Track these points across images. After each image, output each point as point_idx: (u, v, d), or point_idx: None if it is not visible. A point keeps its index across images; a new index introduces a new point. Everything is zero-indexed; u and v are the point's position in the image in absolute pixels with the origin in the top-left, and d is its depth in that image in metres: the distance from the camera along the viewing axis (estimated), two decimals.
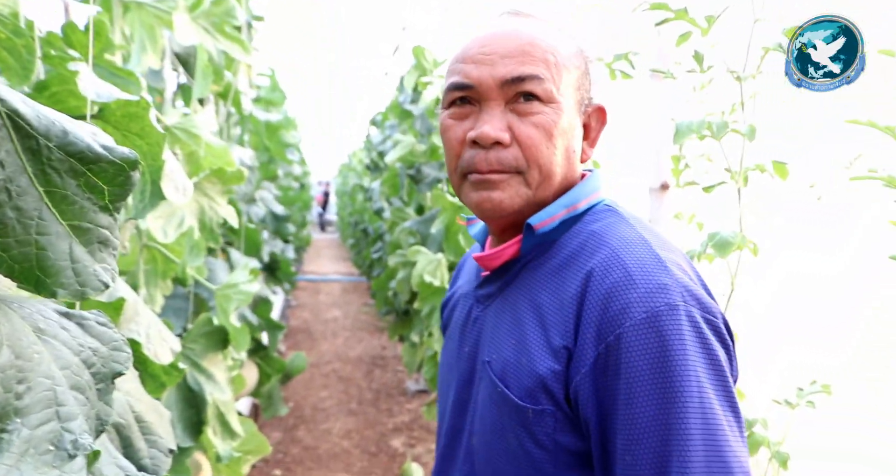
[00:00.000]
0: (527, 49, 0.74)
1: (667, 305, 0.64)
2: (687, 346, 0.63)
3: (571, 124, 0.76)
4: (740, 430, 0.65)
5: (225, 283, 1.52)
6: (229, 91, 2.10)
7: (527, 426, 0.70)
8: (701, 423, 0.62)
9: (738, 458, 0.62)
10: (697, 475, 0.61)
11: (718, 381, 0.64)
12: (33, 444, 0.42)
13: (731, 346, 0.69)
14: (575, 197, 0.78)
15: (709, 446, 0.61)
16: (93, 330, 0.54)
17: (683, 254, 0.75)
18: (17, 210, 0.47)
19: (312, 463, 3.50)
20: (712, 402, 0.62)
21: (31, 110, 0.47)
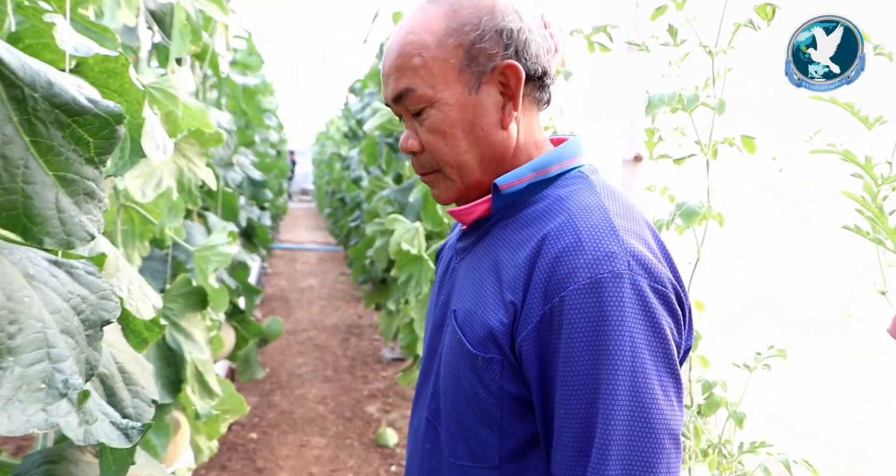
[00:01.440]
0: (399, 63, 0.78)
1: (610, 273, 0.67)
2: (625, 313, 0.66)
3: (466, 107, 0.78)
4: (677, 396, 0.68)
5: (203, 245, 1.53)
6: (206, 53, 2.06)
7: (477, 372, 0.76)
8: (629, 386, 0.65)
9: (664, 421, 0.66)
10: (619, 431, 0.65)
11: (658, 347, 0.67)
12: (26, 381, 0.44)
13: (682, 316, 0.72)
14: (545, 161, 0.80)
15: (635, 407, 0.65)
16: (82, 279, 0.56)
17: (649, 224, 0.77)
18: (4, 158, 0.48)
19: (288, 427, 3.56)
20: (645, 367, 0.66)
21: (15, 59, 0.48)
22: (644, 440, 0.66)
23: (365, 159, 3.57)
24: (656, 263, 0.70)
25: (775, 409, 1.24)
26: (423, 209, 2.59)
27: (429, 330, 0.93)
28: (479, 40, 0.76)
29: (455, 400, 0.80)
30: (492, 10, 0.77)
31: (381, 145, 3.18)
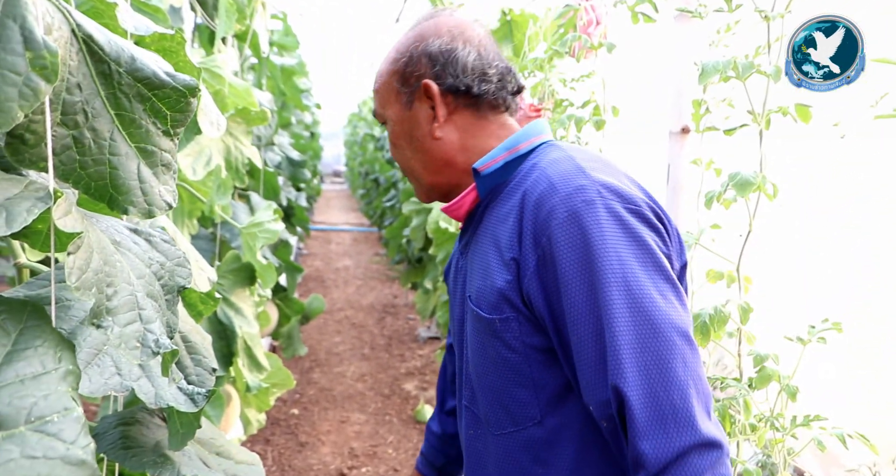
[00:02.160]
0: (374, 87, 0.96)
1: (584, 201, 0.73)
2: (604, 232, 0.72)
3: (402, 122, 0.92)
4: (677, 296, 0.73)
5: (250, 222, 1.56)
6: (247, 33, 2.09)
7: (498, 336, 0.81)
8: (625, 295, 0.70)
9: (668, 320, 0.70)
10: (626, 337, 0.69)
11: (645, 256, 0.72)
12: (124, 340, 0.47)
13: (663, 228, 0.77)
14: (515, 140, 0.89)
15: (636, 313, 0.70)
16: (159, 246, 0.58)
17: (617, 168, 0.83)
18: (93, 131, 0.50)
19: (328, 403, 3.64)
20: (636, 275, 0.71)
21: (103, 36, 0.49)
22: (652, 340, 0.69)
23: None
24: (627, 188, 0.76)
25: (827, 384, 1.22)
26: None
27: (456, 330, 0.98)
28: (408, 65, 0.90)
29: (486, 372, 0.85)
30: (424, 37, 0.90)
31: None
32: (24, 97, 0.41)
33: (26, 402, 0.44)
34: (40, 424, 0.44)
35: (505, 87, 0.90)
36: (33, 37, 0.41)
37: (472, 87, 0.88)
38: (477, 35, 0.91)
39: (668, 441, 0.66)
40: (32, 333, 0.46)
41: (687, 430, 0.66)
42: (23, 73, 0.41)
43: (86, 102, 0.49)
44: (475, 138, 0.90)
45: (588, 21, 1.80)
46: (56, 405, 0.44)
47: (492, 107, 0.90)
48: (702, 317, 1.06)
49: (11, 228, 0.42)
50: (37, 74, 0.41)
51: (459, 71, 0.88)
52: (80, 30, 0.48)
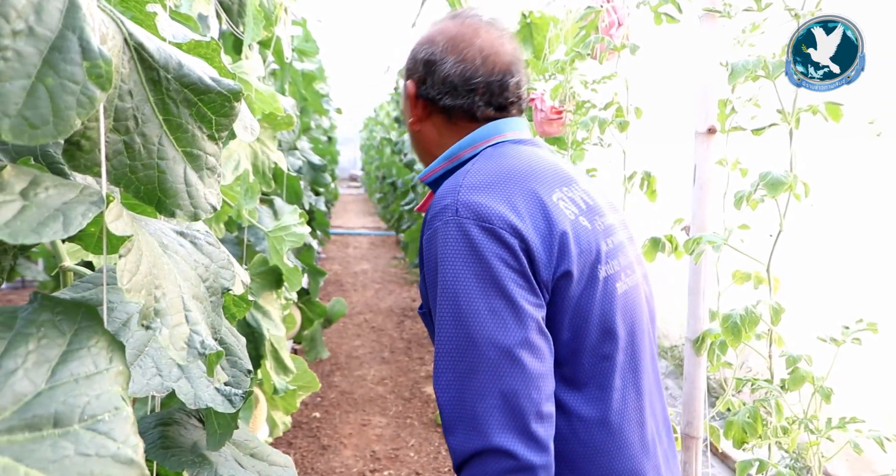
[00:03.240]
0: None
1: (442, 221, 0.82)
2: (448, 250, 0.80)
3: (404, 103, 1.03)
4: (511, 310, 0.78)
5: (276, 226, 1.58)
6: (270, 39, 2.11)
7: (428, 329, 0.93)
8: (452, 309, 0.78)
9: (489, 335, 0.77)
10: (447, 346, 0.78)
11: (483, 273, 0.78)
12: (172, 341, 0.48)
13: (517, 243, 0.81)
14: (454, 150, 0.96)
15: (458, 326, 0.78)
16: (204, 248, 0.59)
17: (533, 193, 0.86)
18: (143, 136, 0.51)
19: (349, 406, 3.66)
20: (469, 291, 0.78)
21: (153, 44, 0.51)
22: (467, 351, 0.77)
23: None
24: (487, 206, 0.81)
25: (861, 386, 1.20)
26: None
27: None
28: (410, 61, 1.02)
29: None
30: (425, 41, 1.00)
31: None
32: (81, 105, 0.42)
33: (80, 401, 0.45)
34: (93, 423, 0.45)
35: (491, 99, 0.95)
36: (90, 47, 0.42)
37: (441, 99, 0.96)
38: (475, 47, 0.96)
39: (466, 441, 0.76)
40: (86, 334, 0.47)
41: (480, 435, 0.75)
42: (80, 82, 0.42)
43: (136, 108, 0.50)
44: (448, 138, 0.99)
45: (610, 23, 1.80)
46: (107, 404, 0.45)
47: (464, 116, 0.97)
48: (732, 317, 1.05)
49: (68, 232, 0.43)
50: (93, 83, 0.43)
51: (437, 82, 0.96)
52: (132, 38, 0.49)
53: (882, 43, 0.95)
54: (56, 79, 0.41)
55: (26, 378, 0.41)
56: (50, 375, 0.42)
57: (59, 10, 0.41)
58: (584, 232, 0.86)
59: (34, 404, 0.40)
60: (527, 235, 0.81)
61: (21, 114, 0.38)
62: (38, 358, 0.42)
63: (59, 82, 0.41)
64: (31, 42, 0.40)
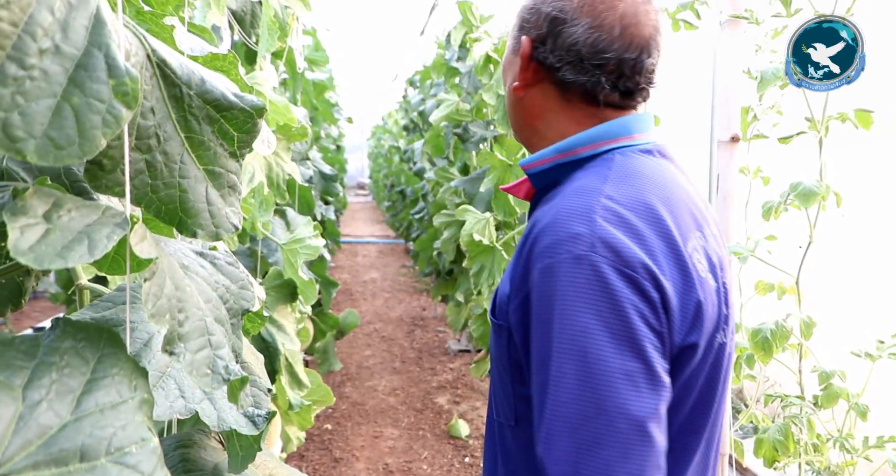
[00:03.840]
0: None
1: (569, 253, 0.67)
2: (579, 295, 0.65)
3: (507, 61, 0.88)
4: (650, 383, 0.65)
5: (291, 238, 1.57)
6: (282, 50, 2.11)
7: (496, 338, 0.81)
8: (578, 369, 0.64)
9: (622, 405, 0.63)
10: (566, 410, 0.64)
11: (619, 329, 0.65)
12: (195, 367, 0.46)
13: (658, 298, 0.68)
14: (572, 143, 0.80)
15: (585, 391, 0.64)
16: (224, 269, 0.57)
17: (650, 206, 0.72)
18: (165, 154, 0.50)
19: (361, 418, 3.63)
20: (600, 349, 0.64)
21: (175, 60, 0.49)
22: (594, 420, 0.63)
23: (429, 151, 3.58)
24: (630, 248, 0.67)
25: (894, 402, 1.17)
26: (494, 199, 2.58)
27: None
28: (530, 12, 0.83)
29: (494, 372, 0.87)
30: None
31: (447, 136, 3.18)
32: (106, 124, 0.40)
33: (106, 433, 0.43)
34: (120, 456, 0.43)
35: (619, 82, 0.78)
36: (116, 64, 0.40)
37: (561, 70, 0.79)
38: (617, 12, 0.76)
39: None
40: (109, 361, 0.45)
41: None
42: (106, 101, 0.40)
43: (158, 126, 0.49)
44: (556, 116, 0.82)
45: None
46: (134, 435, 0.43)
47: (582, 96, 0.80)
48: (763, 332, 1.02)
49: (94, 256, 0.42)
50: (118, 101, 0.41)
51: (561, 47, 0.78)
52: (155, 54, 0.47)
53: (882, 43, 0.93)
54: (82, 98, 0.39)
55: (51, 410, 0.39)
56: (75, 406, 0.40)
57: (84, 28, 0.40)
58: (710, 295, 0.73)
59: (60, 438, 0.38)
60: (668, 291, 0.68)
61: (46, 134, 0.36)
62: (62, 388, 0.40)
63: (84, 101, 0.39)
64: (58, 60, 0.38)
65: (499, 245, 2.52)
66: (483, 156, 2.51)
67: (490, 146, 2.85)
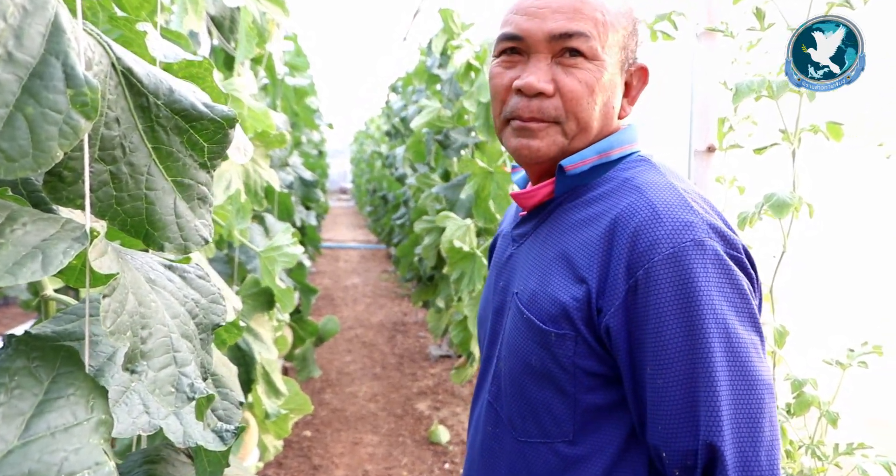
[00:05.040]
0: (577, 5, 0.78)
1: (692, 241, 0.69)
2: (710, 278, 0.69)
3: (613, 82, 0.80)
4: (763, 350, 0.71)
5: (269, 246, 1.55)
6: (262, 55, 2.09)
7: (549, 349, 0.77)
8: (724, 346, 0.68)
9: (760, 374, 0.69)
10: (724, 393, 0.67)
11: (742, 307, 0.70)
12: (158, 385, 0.45)
13: (755, 277, 0.75)
14: (609, 144, 0.82)
15: (732, 365, 0.68)
16: (194, 282, 0.56)
17: (706, 199, 0.78)
18: (130, 165, 0.48)
19: (340, 424, 3.60)
20: (735, 327, 0.68)
21: (142, 69, 0.48)
22: (747, 398, 0.68)
23: (411, 156, 3.57)
24: (728, 231, 0.73)
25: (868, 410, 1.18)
26: (475, 206, 2.57)
27: (489, 317, 0.94)
28: (633, 33, 0.82)
29: (522, 379, 0.81)
30: (634, 17, 0.83)
31: (429, 142, 3.18)
32: (64, 135, 0.39)
33: (56, 458, 0.41)
34: None
35: None
36: (75, 73, 0.39)
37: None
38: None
39: None
40: (65, 381, 0.44)
41: None
42: (63, 111, 0.39)
43: (123, 137, 0.47)
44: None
45: None
46: (87, 460, 0.42)
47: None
48: None
49: (47, 272, 0.40)
50: (77, 112, 0.40)
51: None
52: (120, 63, 0.46)
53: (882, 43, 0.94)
54: (37, 108, 0.38)
55: None
56: (24, 430, 0.39)
57: (41, 35, 0.38)
58: None
59: (4, 464, 0.36)
60: (755, 266, 0.76)
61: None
62: (10, 411, 0.38)
63: (40, 111, 0.38)
64: (10, 68, 0.37)
65: (479, 251, 2.52)
66: (464, 162, 2.51)
67: (471, 153, 2.85)
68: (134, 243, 0.66)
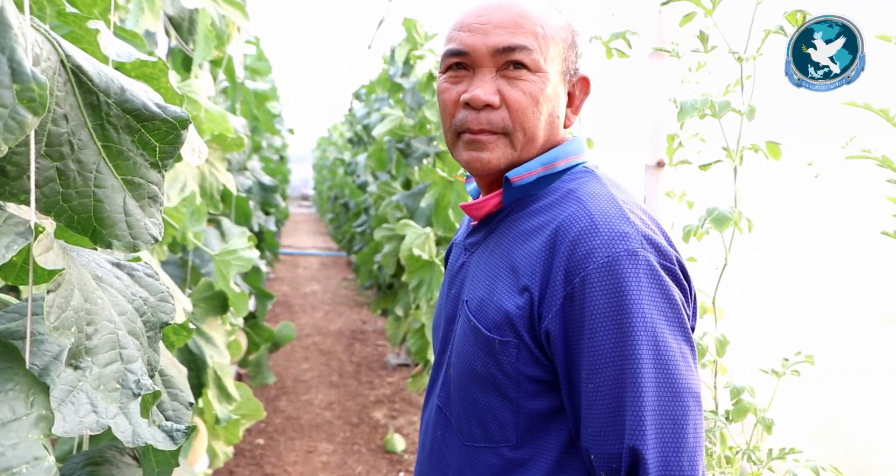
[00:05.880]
0: (518, 20, 0.82)
1: (626, 251, 0.72)
2: (642, 287, 0.71)
3: (556, 92, 0.83)
4: (693, 360, 0.74)
5: (224, 249, 1.53)
6: (222, 58, 2.07)
7: (493, 355, 0.79)
8: (652, 353, 0.70)
9: (687, 383, 0.71)
10: (649, 399, 0.70)
11: (673, 317, 0.72)
12: (103, 381, 0.45)
13: (688, 289, 0.77)
14: (554, 156, 0.85)
15: (659, 372, 0.70)
16: (142, 281, 0.56)
17: (647, 211, 0.82)
18: (79, 162, 0.48)
19: (295, 433, 3.55)
20: (664, 335, 0.71)
21: (92, 67, 0.48)
22: (672, 404, 0.70)
23: (373, 164, 3.58)
24: (664, 243, 0.76)
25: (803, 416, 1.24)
26: (435, 214, 2.59)
27: (441, 324, 0.96)
28: (573, 45, 0.85)
29: (469, 384, 0.83)
30: (573, 29, 0.86)
31: (390, 150, 3.19)
32: (9, 130, 0.39)
33: None
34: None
35: None
36: (21, 69, 0.39)
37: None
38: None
39: None
40: (3, 376, 0.43)
41: None
42: (9, 106, 0.39)
43: (72, 134, 0.47)
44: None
45: None
46: (25, 455, 0.42)
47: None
48: None
49: None
50: (24, 107, 0.40)
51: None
52: (69, 60, 0.46)
53: None
54: None
55: None
56: None
57: None
58: None
59: None
60: (689, 277, 0.78)
61: None
62: None
63: None
64: None
65: (438, 260, 2.54)
66: (425, 171, 2.53)
67: (432, 162, 2.87)
68: (80, 241, 0.65)
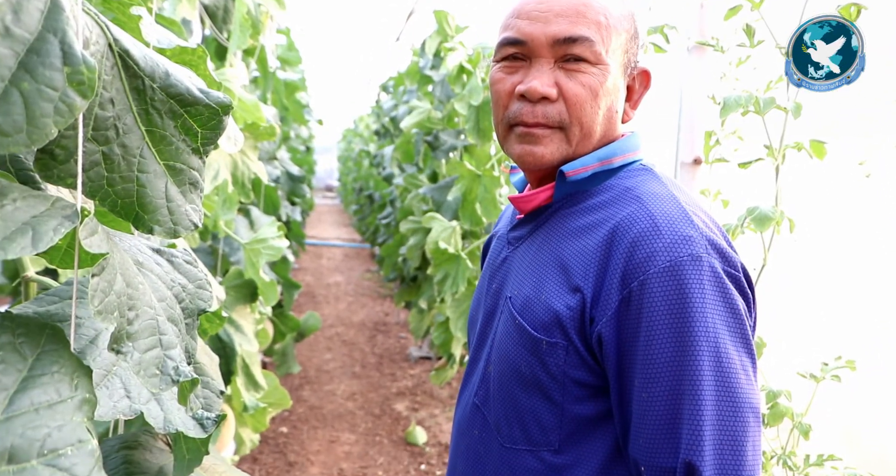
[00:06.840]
0: (581, 9, 0.77)
1: (690, 255, 0.68)
2: (706, 295, 0.67)
3: (616, 86, 0.79)
4: (754, 373, 0.70)
5: (254, 238, 1.54)
6: (254, 47, 2.08)
7: (539, 356, 0.76)
8: (713, 365, 0.67)
9: (747, 397, 0.68)
10: (709, 412, 0.66)
11: (735, 327, 0.68)
12: (143, 367, 0.45)
13: (751, 296, 0.73)
14: (611, 152, 0.81)
15: (720, 385, 0.67)
16: (181, 267, 0.56)
17: (708, 214, 0.78)
18: (123, 147, 0.48)
19: (318, 422, 3.58)
20: (726, 346, 0.67)
21: (138, 51, 0.48)
22: (732, 419, 0.67)
23: (399, 157, 3.57)
24: (728, 248, 0.72)
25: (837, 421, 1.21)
26: (461, 208, 2.58)
27: (479, 319, 0.93)
28: (635, 36, 0.81)
29: (511, 384, 0.80)
30: (634, 14, 0.83)
31: (418, 143, 3.18)
32: (59, 113, 0.39)
33: (39, 434, 0.41)
34: (53, 458, 0.41)
35: None
36: (72, 52, 0.39)
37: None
38: None
39: None
40: (50, 358, 0.44)
41: None
42: (59, 89, 0.39)
43: (117, 118, 0.47)
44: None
45: None
46: (70, 437, 0.42)
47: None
48: None
49: (37, 248, 0.40)
50: (73, 90, 0.40)
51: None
52: (117, 44, 0.46)
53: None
54: (33, 84, 0.38)
55: None
56: (7, 405, 0.39)
57: (39, 11, 0.38)
58: None
59: None
60: (752, 285, 0.74)
61: None
62: None
63: (35, 88, 0.38)
64: (7, 43, 0.37)
65: (464, 254, 2.53)
66: (452, 164, 2.52)
67: (460, 155, 2.86)
68: (118, 226, 0.65)
